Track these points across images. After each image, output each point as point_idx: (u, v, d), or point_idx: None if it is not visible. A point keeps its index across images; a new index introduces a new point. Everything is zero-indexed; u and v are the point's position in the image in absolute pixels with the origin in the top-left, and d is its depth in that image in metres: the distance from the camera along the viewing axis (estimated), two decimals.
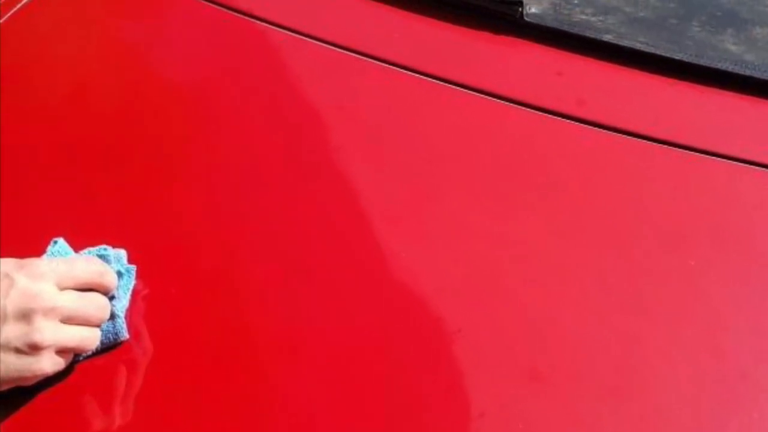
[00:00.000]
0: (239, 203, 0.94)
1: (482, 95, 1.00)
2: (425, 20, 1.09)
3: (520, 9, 1.04)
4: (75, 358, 0.80)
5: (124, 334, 0.82)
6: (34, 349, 0.74)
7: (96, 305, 0.79)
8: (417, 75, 1.03)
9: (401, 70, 1.03)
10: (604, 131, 0.95)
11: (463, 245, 0.87)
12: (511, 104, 0.99)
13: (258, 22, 1.13)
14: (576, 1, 1.07)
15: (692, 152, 0.92)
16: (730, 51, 1.00)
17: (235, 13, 1.15)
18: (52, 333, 0.75)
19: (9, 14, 1.21)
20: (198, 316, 0.84)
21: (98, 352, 0.81)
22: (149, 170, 0.98)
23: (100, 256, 0.84)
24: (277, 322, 0.84)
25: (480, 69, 1.04)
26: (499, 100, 0.99)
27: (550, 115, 0.97)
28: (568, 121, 0.96)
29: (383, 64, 1.04)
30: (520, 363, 0.78)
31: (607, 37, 1.02)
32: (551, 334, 0.80)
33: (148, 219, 0.93)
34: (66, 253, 0.84)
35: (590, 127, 0.96)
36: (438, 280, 0.85)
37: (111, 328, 0.81)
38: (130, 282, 0.85)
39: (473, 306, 0.82)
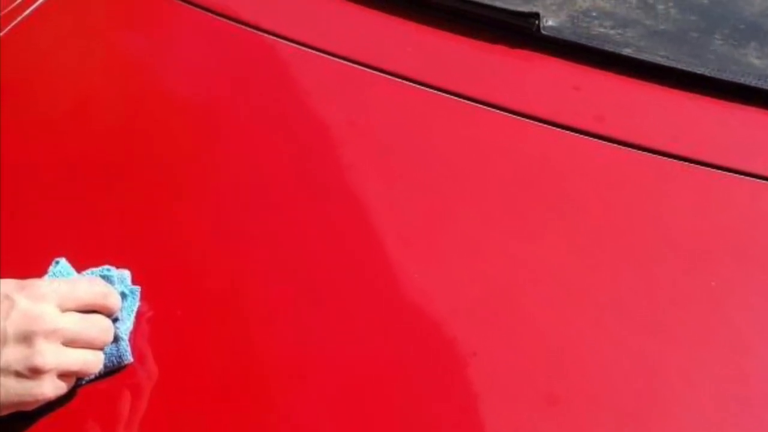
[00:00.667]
0: (247, 222, 0.94)
1: (498, 110, 1.00)
2: (439, 33, 1.09)
3: (536, 22, 1.04)
4: (77, 382, 0.79)
5: (128, 358, 0.82)
6: (35, 372, 0.73)
7: (99, 327, 0.80)
8: (431, 90, 1.03)
9: (415, 84, 1.03)
10: (624, 148, 0.95)
11: (478, 265, 0.87)
12: (528, 120, 0.99)
13: (266, 35, 1.14)
14: (594, 14, 1.07)
15: (714, 169, 0.92)
16: (754, 65, 1.00)
17: (242, 26, 1.16)
18: (54, 356, 0.75)
19: (10, 27, 1.22)
20: (204, 339, 0.84)
21: (101, 376, 0.81)
22: (154, 188, 0.99)
23: (104, 277, 0.84)
24: (286, 345, 0.83)
25: (495, 83, 1.04)
26: (515, 116, 0.99)
27: (567, 131, 0.97)
28: (586, 137, 0.96)
29: (396, 79, 1.04)
30: (536, 387, 0.78)
31: (627, 51, 1.02)
32: (569, 357, 0.80)
33: (152, 238, 0.93)
34: (68, 274, 0.84)
35: (609, 143, 0.96)
36: (452, 301, 0.85)
37: (114, 351, 0.81)
38: (135, 303, 0.85)
39: (489, 328, 0.82)
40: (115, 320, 0.82)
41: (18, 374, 0.73)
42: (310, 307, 0.86)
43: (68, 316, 0.77)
